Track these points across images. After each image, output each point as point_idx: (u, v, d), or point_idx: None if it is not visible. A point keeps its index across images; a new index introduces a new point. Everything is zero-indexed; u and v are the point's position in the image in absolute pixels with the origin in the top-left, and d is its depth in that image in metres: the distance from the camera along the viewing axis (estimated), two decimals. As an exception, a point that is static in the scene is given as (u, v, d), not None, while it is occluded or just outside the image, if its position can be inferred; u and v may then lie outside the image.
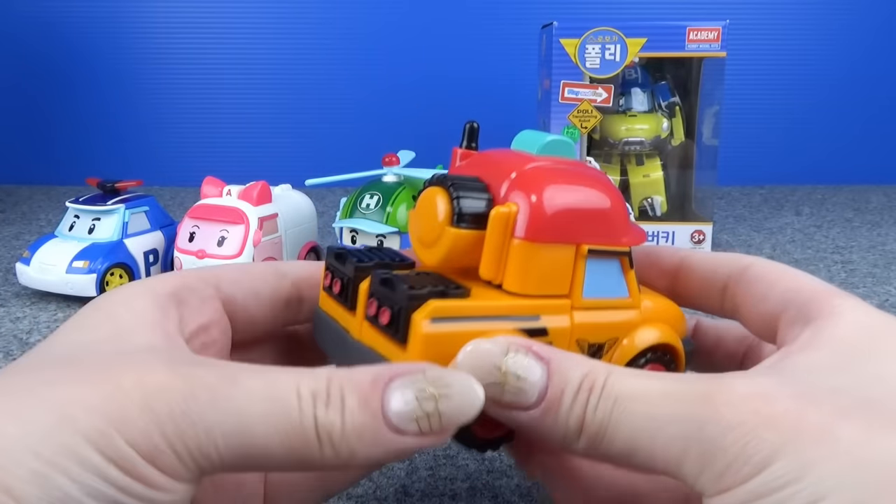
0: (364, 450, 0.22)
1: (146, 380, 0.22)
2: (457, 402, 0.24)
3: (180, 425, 0.21)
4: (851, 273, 0.83)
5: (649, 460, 0.23)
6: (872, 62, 1.43)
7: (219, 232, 0.74)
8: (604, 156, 0.98)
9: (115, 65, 1.45)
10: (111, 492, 0.20)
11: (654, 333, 0.31)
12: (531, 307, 0.28)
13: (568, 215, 0.29)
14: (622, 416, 0.23)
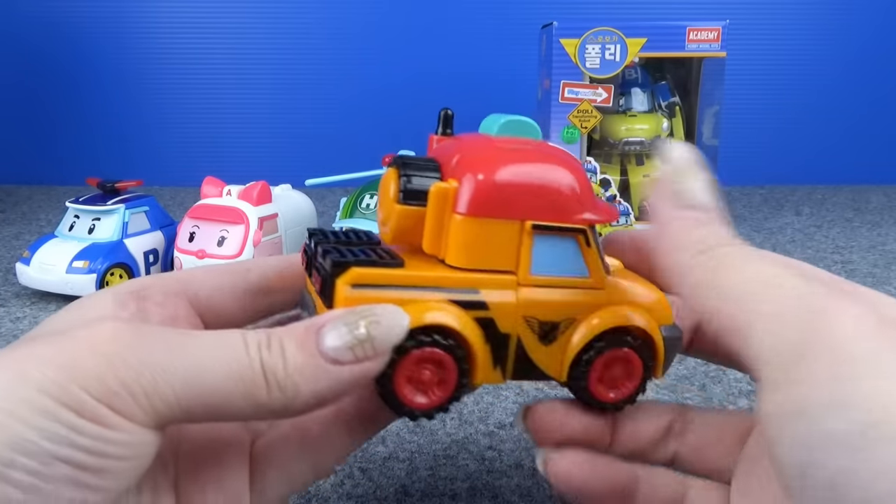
0: (307, 385, 0.24)
1: (97, 331, 0.23)
2: (385, 324, 0.26)
3: (133, 367, 0.23)
4: (851, 273, 0.83)
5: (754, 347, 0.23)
6: (872, 62, 1.43)
7: (219, 232, 0.74)
8: (604, 156, 0.98)
9: (115, 65, 1.45)
10: (65, 432, 0.21)
11: (618, 315, 0.30)
12: (470, 280, 0.29)
13: (510, 191, 0.29)
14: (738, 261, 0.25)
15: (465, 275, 0.29)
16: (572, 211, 0.30)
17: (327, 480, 0.41)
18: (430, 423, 0.48)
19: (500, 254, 0.29)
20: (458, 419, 0.48)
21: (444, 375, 0.29)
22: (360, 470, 0.42)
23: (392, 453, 0.44)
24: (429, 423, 0.48)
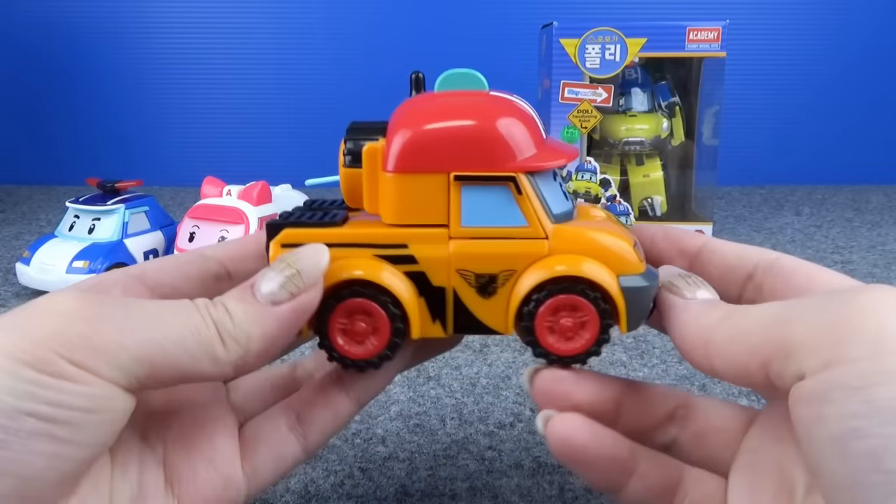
0: (256, 329, 0.26)
1: (57, 297, 0.25)
2: (307, 258, 0.28)
3: (93, 323, 0.24)
4: (851, 273, 0.83)
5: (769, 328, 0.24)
6: (872, 62, 1.43)
7: (219, 232, 0.74)
8: (604, 156, 0.98)
9: (115, 65, 1.45)
10: (27, 387, 0.23)
11: (558, 265, 0.29)
12: (399, 235, 0.30)
13: (433, 145, 0.29)
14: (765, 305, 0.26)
15: (394, 230, 0.30)
16: (500, 159, 0.29)
17: (327, 480, 0.41)
18: (430, 423, 0.48)
19: (431, 208, 0.30)
20: (458, 419, 0.48)
21: (377, 324, 0.30)
22: (360, 470, 0.42)
23: (392, 453, 0.44)
24: (429, 424, 0.48)
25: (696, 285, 0.30)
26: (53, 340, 0.23)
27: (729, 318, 0.26)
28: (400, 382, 0.54)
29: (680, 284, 0.30)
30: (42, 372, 0.23)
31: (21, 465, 0.23)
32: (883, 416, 0.20)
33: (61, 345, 0.23)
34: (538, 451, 0.45)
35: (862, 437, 0.20)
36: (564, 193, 0.32)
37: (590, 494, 0.40)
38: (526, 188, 0.30)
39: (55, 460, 0.23)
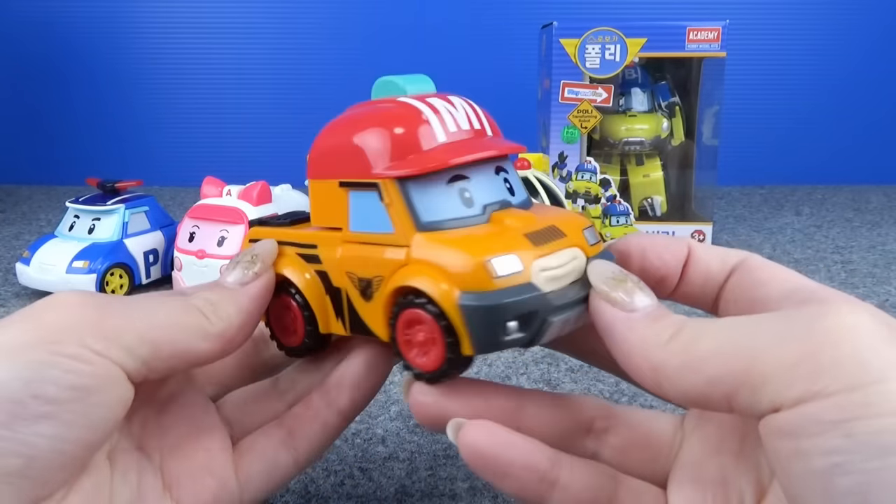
0: (234, 306, 0.30)
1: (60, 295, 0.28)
2: (263, 248, 0.33)
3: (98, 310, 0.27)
4: (851, 273, 0.83)
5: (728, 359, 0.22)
6: (872, 62, 1.43)
7: (219, 232, 0.74)
8: (604, 156, 0.98)
9: (115, 65, 1.45)
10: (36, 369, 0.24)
11: (401, 276, 0.28)
12: (312, 237, 0.33)
13: (324, 153, 0.32)
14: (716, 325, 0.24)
15: (312, 232, 0.33)
16: (371, 166, 0.29)
17: (327, 480, 0.41)
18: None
19: (333, 212, 0.32)
20: (458, 419, 0.48)
21: (294, 317, 0.33)
22: (360, 470, 0.42)
23: (392, 453, 0.44)
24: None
25: (634, 289, 0.27)
26: (65, 326, 0.26)
27: (679, 341, 0.24)
28: (400, 382, 0.54)
29: (616, 291, 0.27)
30: (54, 353, 0.25)
31: (27, 446, 0.24)
32: (865, 451, 0.19)
33: (73, 329, 0.26)
34: (538, 451, 0.45)
35: (846, 474, 0.19)
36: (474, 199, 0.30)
37: (590, 494, 0.40)
38: (390, 194, 0.29)
39: (58, 442, 0.25)
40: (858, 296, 0.74)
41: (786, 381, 0.21)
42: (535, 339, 0.27)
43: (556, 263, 0.28)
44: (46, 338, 0.25)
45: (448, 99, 0.32)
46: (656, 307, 0.26)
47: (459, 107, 0.31)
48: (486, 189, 0.30)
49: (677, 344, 0.24)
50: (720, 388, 0.22)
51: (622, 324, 0.26)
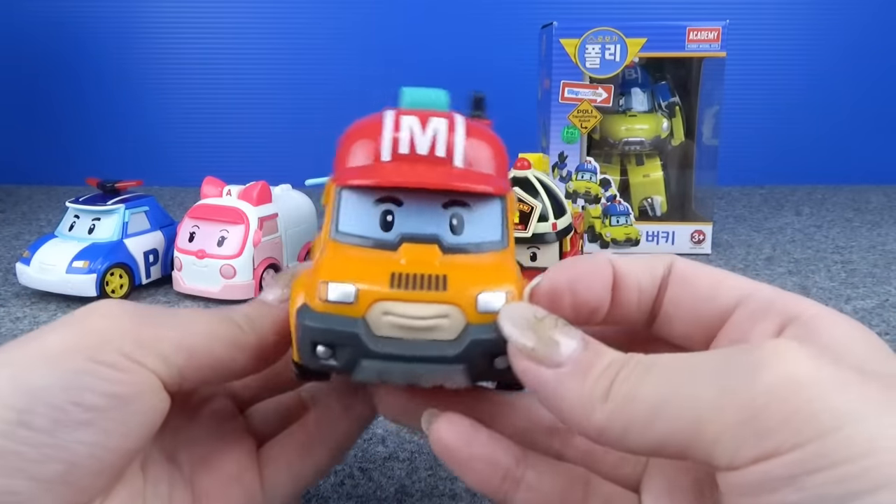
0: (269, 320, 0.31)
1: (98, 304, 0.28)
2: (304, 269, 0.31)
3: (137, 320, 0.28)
4: (851, 273, 0.83)
5: (675, 425, 0.21)
6: (872, 62, 1.43)
7: (219, 232, 0.74)
8: (604, 156, 0.98)
9: (115, 65, 1.45)
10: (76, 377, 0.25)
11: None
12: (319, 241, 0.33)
13: None
14: (655, 377, 0.22)
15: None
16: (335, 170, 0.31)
17: (327, 480, 0.41)
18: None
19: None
20: (458, 419, 0.48)
21: None
22: (360, 470, 0.42)
23: (392, 453, 0.44)
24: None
25: (554, 335, 0.24)
26: (104, 333, 0.27)
27: (616, 399, 0.22)
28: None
29: (534, 342, 0.24)
30: (92, 361, 0.25)
31: (68, 452, 0.24)
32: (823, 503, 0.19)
33: (111, 337, 0.26)
34: (538, 451, 0.45)
35: None
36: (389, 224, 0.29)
37: (590, 494, 0.40)
38: (328, 198, 0.30)
39: (97, 449, 0.25)
40: (858, 296, 0.75)
41: (736, 443, 0.20)
42: (351, 372, 0.27)
43: (408, 312, 0.26)
44: (86, 345, 0.26)
45: (427, 119, 0.29)
46: (584, 350, 0.24)
47: (432, 130, 0.29)
48: (415, 219, 0.29)
49: (614, 403, 0.22)
50: (670, 447, 0.22)
51: (551, 385, 0.24)
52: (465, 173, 0.29)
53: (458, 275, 0.27)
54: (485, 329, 0.26)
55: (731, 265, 0.87)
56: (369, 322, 0.27)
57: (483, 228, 0.29)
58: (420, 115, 0.30)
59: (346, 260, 0.28)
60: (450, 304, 0.26)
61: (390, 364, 0.26)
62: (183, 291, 0.75)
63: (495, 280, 0.27)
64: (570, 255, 0.70)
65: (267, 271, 0.75)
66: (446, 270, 0.27)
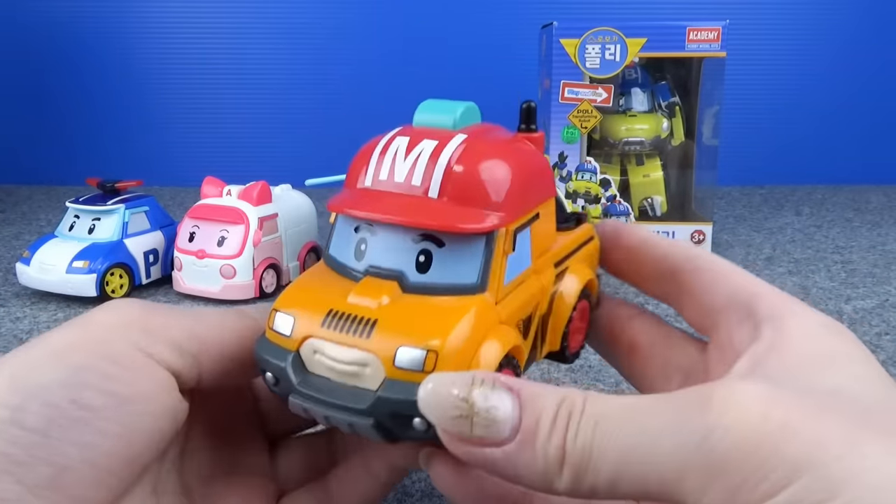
0: None
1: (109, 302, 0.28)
2: None
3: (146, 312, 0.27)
4: (851, 273, 0.83)
5: (641, 483, 0.21)
6: (872, 62, 1.43)
7: (219, 232, 0.74)
8: (604, 156, 0.98)
9: (115, 65, 1.45)
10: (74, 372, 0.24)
11: None
12: None
13: None
14: (607, 437, 0.21)
15: None
16: None
17: (327, 480, 0.41)
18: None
19: None
20: (458, 419, 0.48)
21: None
22: (360, 470, 0.42)
23: (392, 453, 0.44)
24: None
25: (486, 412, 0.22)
26: (113, 325, 0.26)
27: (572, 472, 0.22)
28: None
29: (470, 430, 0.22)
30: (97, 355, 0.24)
31: (58, 455, 0.22)
32: None
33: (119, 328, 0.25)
34: (538, 451, 0.44)
35: None
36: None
37: (590, 494, 0.40)
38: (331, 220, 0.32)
39: (92, 453, 0.23)
40: (858, 296, 0.75)
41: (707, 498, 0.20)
42: (285, 399, 0.27)
43: (332, 354, 0.26)
44: (90, 338, 0.25)
45: (418, 142, 0.28)
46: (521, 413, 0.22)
47: (414, 157, 0.28)
48: (384, 252, 0.28)
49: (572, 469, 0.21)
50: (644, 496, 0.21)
51: (501, 463, 0.22)
52: (438, 207, 0.27)
53: (391, 321, 0.26)
54: (400, 386, 0.24)
55: (731, 265, 0.87)
56: (303, 357, 0.26)
57: (455, 269, 0.27)
58: (415, 135, 0.29)
59: (305, 289, 0.28)
60: (369, 352, 0.25)
61: (311, 405, 0.26)
62: (183, 291, 0.75)
63: (426, 333, 0.25)
64: (570, 255, 0.70)
65: (267, 271, 0.75)
66: (382, 315, 0.26)
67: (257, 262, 0.74)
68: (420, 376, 0.24)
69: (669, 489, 0.21)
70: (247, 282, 0.73)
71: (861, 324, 0.67)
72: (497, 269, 0.27)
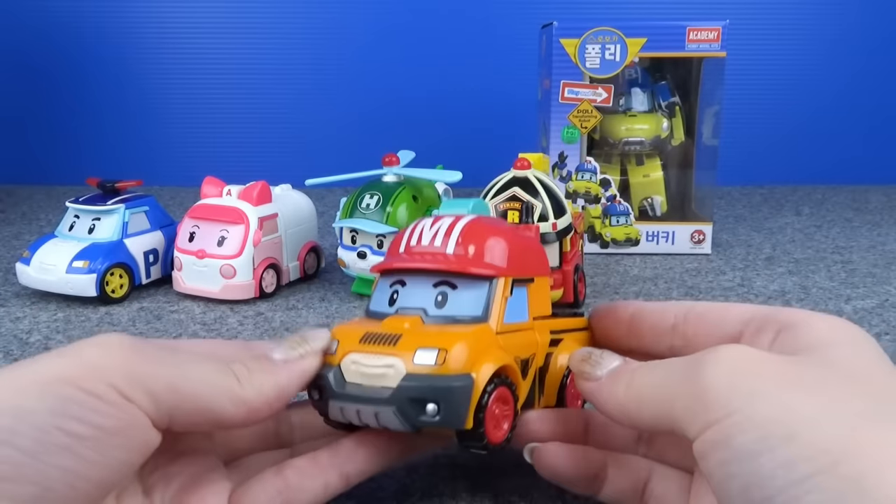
0: (270, 377, 0.32)
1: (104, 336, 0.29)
2: (315, 334, 0.35)
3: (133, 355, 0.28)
4: (851, 273, 0.83)
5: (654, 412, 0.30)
6: (872, 62, 1.43)
7: (219, 232, 0.74)
8: (604, 156, 0.98)
9: (115, 65, 1.45)
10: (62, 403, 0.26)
11: None
12: None
13: None
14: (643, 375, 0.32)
15: None
16: None
17: (327, 480, 0.41)
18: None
19: None
20: (458, 419, 0.48)
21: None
22: (360, 470, 0.42)
23: (392, 453, 0.44)
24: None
25: (597, 361, 0.34)
26: (99, 364, 0.27)
27: (630, 392, 0.31)
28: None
29: (586, 368, 0.34)
30: (81, 390, 0.26)
31: (44, 476, 0.25)
32: (743, 457, 0.25)
33: (105, 368, 0.27)
34: (538, 451, 0.45)
35: (734, 477, 0.25)
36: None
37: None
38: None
39: (74, 477, 0.25)
40: (858, 296, 0.75)
41: (690, 419, 0.27)
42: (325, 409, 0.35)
43: (364, 361, 0.33)
44: (77, 374, 0.26)
45: (439, 220, 0.38)
46: (616, 367, 0.33)
47: (437, 228, 0.37)
48: (412, 296, 0.36)
49: (629, 392, 0.31)
50: (662, 423, 0.29)
51: (594, 390, 0.33)
52: (453, 259, 0.35)
53: (412, 336, 0.33)
54: (418, 378, 0.32)
55: (731, 265, 0.87)
56: (343, 368, 0.34)
57: (465, 305, 0.35)
58: (438, 217, 0.38)
59: (348, 326, 0.36)
60: (394, 356, 0.32)
61: (346, 404, 0.33)
62: (183, 291, 0.75)
63: (438, 342, 0.32)
64: (570, 255, 0.70)
65: (267, 271, 0.75)
66: (405, 332, 0.34)
67: (257, 261, 0.74)
68: (433, 370, 0.31)
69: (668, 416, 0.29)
70: (247, 282, 0.73)
71: (861, 324, 0.67)
72: (498, 307, 0.35)
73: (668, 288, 0.78)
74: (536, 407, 0.39)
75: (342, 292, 0.78)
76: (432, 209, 0.74)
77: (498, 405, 0.34)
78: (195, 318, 0.70)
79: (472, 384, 0.31)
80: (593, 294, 0.77)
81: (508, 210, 0.67)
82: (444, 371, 0.31)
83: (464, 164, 0.85)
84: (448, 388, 0.31)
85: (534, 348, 0.38)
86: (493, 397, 0.33)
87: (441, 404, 0.31)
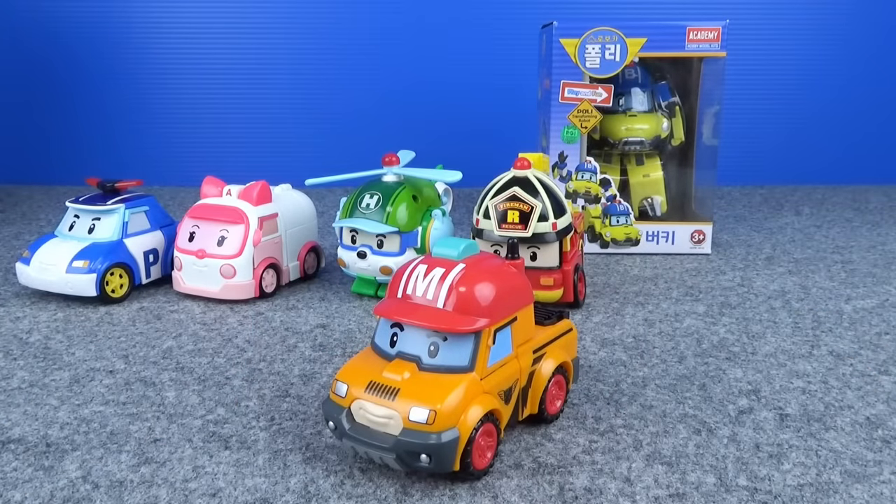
0: None
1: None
2: None
3: None
4: (851, 273, 0.83)
5: None
6: (873, 62, 1.43)
7: (219, 232, 0.74)
8: (604, 156, 0.98)
9: (115, 65, 1.45)
10: None
11: None
12: None
13: None
14: None
15: None
16: None
17: (327, 480, 0.41)
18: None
19: None
20: (458, 419, 0.48)
21: None
22: (360, 470, 0.42)
23: (392, 453, 0.44)
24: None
25: None
26: None
27: None
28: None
29: None
30: None
31: None
32: None
33: None
34: (538, 451, 0.45)
35: None
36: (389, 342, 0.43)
37: (590, 494, 0.40)
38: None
39: None
40: (858, 296, 0.75)
41: None
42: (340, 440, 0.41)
43: (370, 410, 0.40)
44: None
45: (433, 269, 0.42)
46: None
47: (429, 280, 0.42)
48: (409, 342, 0.42)
49: None
50: None
51: None
52: (443, 315, 0.41)
53: (408, 390, 0.39)
54: (413, 434, 0.38)
55: (731, 265, 0.87)
56: (352, 411, 0.41)
57: (453, 355, 0.41)
58: (432, 263, 0.43)
59: (356, 367, 0.42)
60: (394, 410, 0.39)
61: (356, 444, 0.40)
62: (183, 291, 0.75)
63: (430, 399, 0.39)
64: (570, 255, 0.70)
65: (267, 271, 0.75)
66: (403, 386, 0.40)
67: (257, 261, 0.74)
68: (425, 427, 0.38)
69: None
70: (247, 281, 0.73)
71: (861, 324, 0.67)
72: (482, 356, 0.41)
73: (668, 288, 0.78)
74: (520, 418, 0.45)
75: (342, 292, 0.78)
76: (432, 209, 0.74)
77: (483, 438, 0.40)
78: (195, 318, 0.70)
79: (457, 439, 0.38)
80: (593, 294, 0.77)
81: (508, 210, 0.67)
82: (434, 429, 0.38)
83: (464, 164, 0.85)
84: (438, 445, 0.38)
85: (517, 375, 0.43)
86: (478, 433, 0.39)
87: (433, 456, 0.38)
